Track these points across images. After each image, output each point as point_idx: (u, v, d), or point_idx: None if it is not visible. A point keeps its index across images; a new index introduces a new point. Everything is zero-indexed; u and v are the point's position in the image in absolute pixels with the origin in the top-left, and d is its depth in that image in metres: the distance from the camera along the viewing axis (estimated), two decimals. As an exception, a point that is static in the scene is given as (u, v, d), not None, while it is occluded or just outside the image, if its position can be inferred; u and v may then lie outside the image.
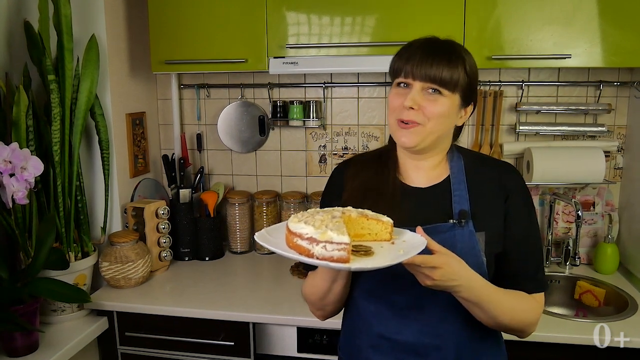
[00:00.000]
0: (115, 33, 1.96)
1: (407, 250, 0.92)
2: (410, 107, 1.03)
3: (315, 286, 1.14)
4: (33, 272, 1.54)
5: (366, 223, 0.99)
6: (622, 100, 2.01)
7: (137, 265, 1.84)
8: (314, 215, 0.96)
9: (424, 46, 1.07)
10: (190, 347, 1.74)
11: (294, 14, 1.82)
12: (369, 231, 1.00)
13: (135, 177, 2.10)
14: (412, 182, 1.15)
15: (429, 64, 1.03)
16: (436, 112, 1.04)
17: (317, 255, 0.88)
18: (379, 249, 0.96)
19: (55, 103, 1.66)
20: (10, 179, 1.45)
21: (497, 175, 1.13)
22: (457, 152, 1.16)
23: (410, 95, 1.04)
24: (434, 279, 0.93)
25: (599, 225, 2.06)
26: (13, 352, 1.51)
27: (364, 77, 2.16)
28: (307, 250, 0.89)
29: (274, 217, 2.23)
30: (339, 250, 0.86)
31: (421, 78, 1.04)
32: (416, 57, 1.04)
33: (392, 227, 0.99)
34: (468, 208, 1.08)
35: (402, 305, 1.08)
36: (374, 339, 1.11)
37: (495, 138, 2.07)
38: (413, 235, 0.97)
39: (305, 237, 0.90)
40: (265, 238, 0.97)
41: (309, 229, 0.90)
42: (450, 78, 1.04)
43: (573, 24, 1.67)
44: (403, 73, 1.06)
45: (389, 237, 0.99)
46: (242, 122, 2.25)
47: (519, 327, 1.08)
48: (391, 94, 1.10)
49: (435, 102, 1.04)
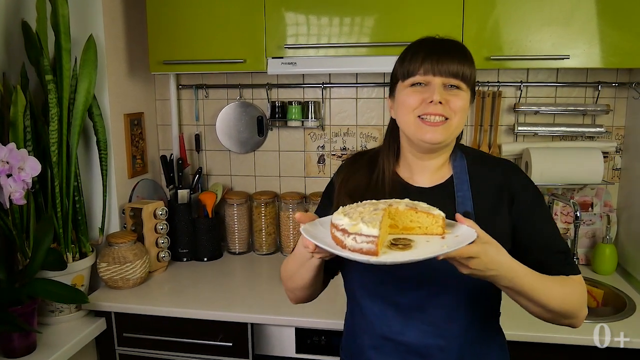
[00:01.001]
0: (113, 33, 1.95)
1: (453, 245, 0.89)
2: (439, 101, 1.03)
3: (287, 264, 1.15)
4: (31, 273, 1.54)
5: (415, 216, 0.96)
6: (620, 101, 2.02)
7: (135, 266, 1.84)
8: (357, 207, 0.95)
9: (437, 44, 1.07)
10: (188, 347, 1.74)
11: (292, 14, 1.82)
12: (418, 224, 0.97)
13: (133, 177, 2.10)
14: (416, 182, 1.14)
15: (449, 59, 1.03)
16: (460, 106, 1.05)
17: (348, 246, 0.88)
18: (424, 243, 0.93)
19: (52, 103, 1.65)
20: (8, 179, 1.44)
21: (500, 174, 1.12)
22: (460, 151, 1.16)
23: (437, 90, 1.03)
24: (470, 267, 0.90)
25: (597, 226, 2.06)
26: (11, 353, 1.50)
27: (363, 78, 2.16)
28: (341, 241, 0.89)
29: (272, 217, 2.23)
30: (367, 242, 0.85)
31: (443, 74, 1.03)
32: (433, 54, 1.04)
33: (443, 221, 0.95)
34: (471, 209, 1.08)
35: (406, 306, 1.07)
36: (377, 340, 1.11)
37: (494, 139, 2.07)
38: (467, 229, 0.93)
39: (340, 228, 0.90)
40: (310, 231, 0.95)
41: (345, 220, 0.90)
42: (470, 74, 1.05)
43: (572, 25, 1.67)
44: (421, 71, 1.05)
45: (440, 230, 0.95)
46: (240, 122, 2.25)
47: (571, 311, 1.05)
48: (404, 94, 1.08)
49: (457, 96, 1.05)
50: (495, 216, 1.09)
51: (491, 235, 1.07)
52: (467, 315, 1.06)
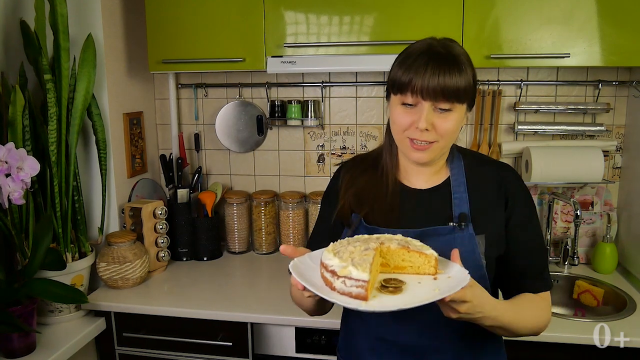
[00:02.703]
0: (112, 32, 1.95)
1: (446, 289, 0.86)
2: (425, 128, 1.00)
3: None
4: (30, 273, 1.53)
5: (407, 255, 0.94)
6: (620, 99, 2.01)
7: (134, 265, 1.83)
8: (348, 245, 0.92)
9: (428, 59, 0.99)
10: (188, 347, 1.74)
11: (292, 13, 1.82)
12: (410, 264, 0.94)
13: (132, 177, 2.10)
14: (413, 184, 1.14)
15: (439, 81, 0.97)
16: (449, 129, 1.02)
17: (337, 289, 0.85)
18: (415, 285, 0.90)
19: (51, 103, 1.65)
20: (7, 179, 1.44)
21: (496, 177, 1.12)
22: (457, 153, 1.16)
23: (424, 116, 0.99)
24: (459, 312, 0.89)
25: (598, 225, 2.06)
26: (10, 353, 1.50)
27: (363, 77, 2.15)
28: (330, 283, 0.87)
29: (272, 217, 2.23)
30: (357, 287, 0.83)
31: (432, 98, 0.99)
32: (424, 74, 0.98)
33: (436, 261, 0.92)
34: (468, 211, 1.08)
35: None
36: (372, 342, 1.11)
37: (494, 137, 2.06)
38: (460, 269, 0.90)
39: (329, 269, 0.87)
40: (299, 267, 0.92)
41: (335, 261, 0.87)
42: (464, 90, 1.00)
43: (572, 23, 1.67)
44: (410, 92, 0.99)
45: (433, 271, 0.92)
46: (240, 121, 2.24)
47: (535, 331, 1.09)
48: (395, 111, 1.04)
49: (446, 119, 1.01)
50: (492, 218, 1.09)
51: (487, 238, 1.07)
52: None
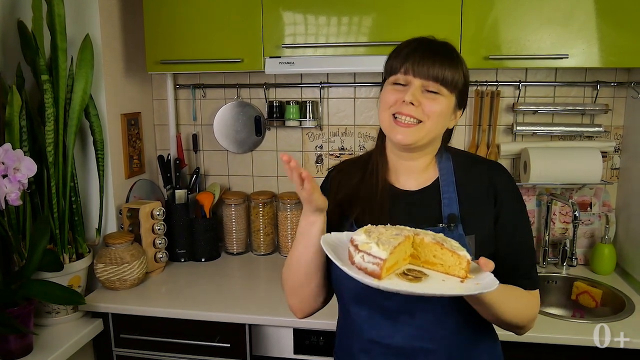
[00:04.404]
0: (110, 33, 1.94)
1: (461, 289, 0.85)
2: (410, 102, 1.02)
3: (286, 262, 1.13)
4: (27, 274, 1.53)
5: (440, 252, 0.92)
6: (619, 100, 2.01)
7: (132, 266, 1.83)
8: (382, 227, 0.93)
9: (423, 44, 1.05)
10: (185, 348, 1.73)
11: (290, 14, 1.81)
12: (441, 261, 0.92)
13: (130, 177, 2.09)
14: (402, 185, 1.13)
15: (430, 62, 1.01)
16: (436, 111, 1.03)
17: (356, 263, 0.86)
18: (438, 281, 0.89)
19: (49, 103, 1.64)
20: (4, 180, 1.43)
21: (486, 176, 1.11)
22: (446, 153, 1.15)
23: (411, 91, 1.02)
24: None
25: (596, 226, 2.06)
26: (7, 354, 1.49)
27: (361, 77, 2.15)
28: (352, 256, 0.88)
29: (270, 217, 2.22)
30: (372, 263, 0.84)
31: (422, 76, 1.02)
32: (416, 54, 1.02)
33: (468, 264, 0.89)
34: (457, 211, 1.07)
35: (393, 309, 1.06)
36: (365, 344, 1.10)
37: (492, 138, 2.06)
38: (493, 280, 0.86)
39: (354, 243, 0.88)
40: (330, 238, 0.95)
41: (362, 237, 0.88)
42: (451, 78, 1.02)
43: (570, 24, 1.67)
44: (402, 70, 1.03)
45: (463, 274, 0.89)
46: (238, 122, 2.24)
47: (521, 323, 1.06)
48: (385, 91, 1.08)
49: (434, 100, 1.03)
50: (482, 218, 1.08)
51: (477, 238, 1.06)
52: (457, 319, 1.05)
